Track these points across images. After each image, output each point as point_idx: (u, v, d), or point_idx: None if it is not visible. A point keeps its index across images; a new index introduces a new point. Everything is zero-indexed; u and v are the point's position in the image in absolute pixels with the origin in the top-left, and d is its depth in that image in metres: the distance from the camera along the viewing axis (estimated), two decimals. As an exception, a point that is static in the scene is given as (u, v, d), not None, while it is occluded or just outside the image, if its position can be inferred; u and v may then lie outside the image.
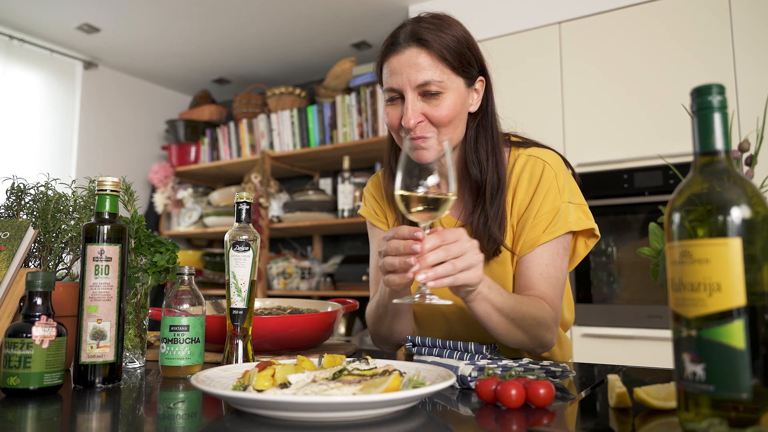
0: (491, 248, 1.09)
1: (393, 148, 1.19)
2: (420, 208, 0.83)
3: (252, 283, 0.98)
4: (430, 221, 0.85)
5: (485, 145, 1.11)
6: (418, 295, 0.83)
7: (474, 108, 1.12)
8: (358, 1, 3.06)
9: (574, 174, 1.17)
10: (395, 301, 0.86)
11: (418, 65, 1.04)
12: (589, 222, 1.11)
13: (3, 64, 3.32)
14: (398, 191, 0.83)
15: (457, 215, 1.18)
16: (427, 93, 1.04)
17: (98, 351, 0.85)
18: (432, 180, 0.82)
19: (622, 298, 2.44)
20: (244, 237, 0.97)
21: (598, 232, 1.13)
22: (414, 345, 1.00)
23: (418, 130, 1.05)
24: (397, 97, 1.07)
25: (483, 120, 1.13)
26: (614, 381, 0.69)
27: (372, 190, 1.29)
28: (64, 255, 1.06)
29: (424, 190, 0.82)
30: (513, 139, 1.18)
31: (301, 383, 0.68)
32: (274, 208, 3.54)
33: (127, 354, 1.02)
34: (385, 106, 1.10)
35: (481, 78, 1.11)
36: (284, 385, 0.67)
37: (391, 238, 0.87)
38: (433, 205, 0.83)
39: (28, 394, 0.78)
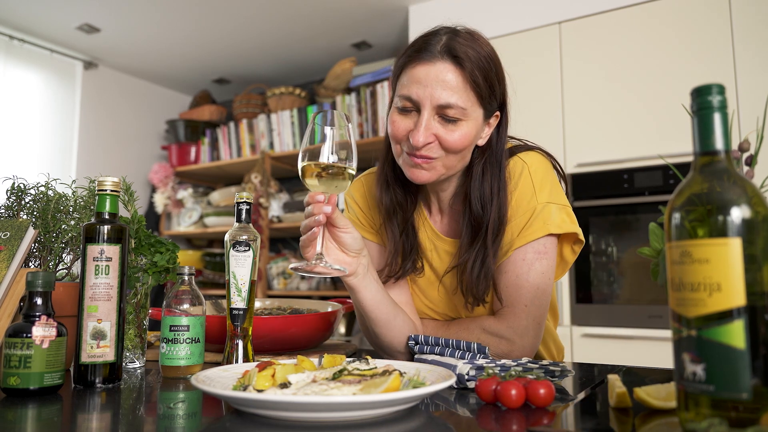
0: (482, 290, 1.03)
1: (389, 158, 1.12)
2: (319, 180, 0.89)
3: (252, 283, 0.98)
4: (333, 193, 0.91)
5: (491, 182, 1.04)
6: (314, 261, 0.91)
7: (482, 142, 1.05)
8: (358, 2, 3.06)
9: (562, 176, 1.11)
10: (291, 267, 0.91)
11: (446, 83, 0.96)
12: (573, 225, 1.04)
13: (3, 64, 3.33)
14: (301, 163, 0.89)
15: (451, 232, 1.13)
16: (445, 117, 0.98)
17: (98, 351, 0.85)
18: (333, 156, 0.88)
19: (622, 298, 2.44)
20: (244, 237, 0.97)
21: (582, 237, 1.06)
22: (416, 343, 1.00)
23: (424, 150, 0.99)
24: (411, 108, 0.99)
25: (491, 156, 1.06)
26: (614, 381, 0.69)
27: (355, 196, 1.22)
28: (64, 255, 1.06)
29: (326, 161, 0.88)
30: (509, 145, 1.11)
31: (301, 383, 0.68)
32: (274, 208, 3.54)
33: (128, 354, 1.02)
34: (393, 113, 1.02)
35: (497, 114, 1.05)
36: (284, 385, 0.67)
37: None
38: (333, 175, 0.89)
39: (29, 394, 0.78)
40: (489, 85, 1.00)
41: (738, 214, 0.52)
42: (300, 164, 0.90)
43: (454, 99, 0.96)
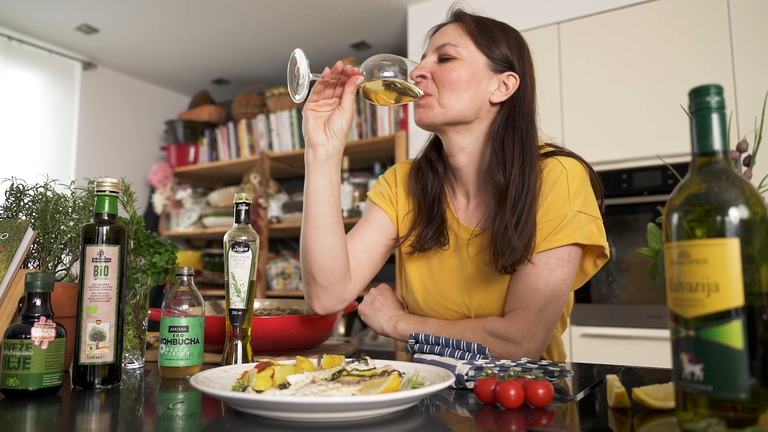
0: (508, 260, 1.01)
1: (426, 149, 1.20)
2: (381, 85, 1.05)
3: (251, 284, 0.98)
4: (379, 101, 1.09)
5: (512, 144, 1.06)
6: (304, 74, 0.99)
7: (496, 98, 1.09)
8: (357, 2, 3.06)
9: (597, 185, 1.10)
10: (298, 48, 1.01)
11: (444, 33, 1.11)
12: (600, 239, 1.03)
13: (2, 65, 3.32)
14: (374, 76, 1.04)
15: (476, 221, 1.13)
16: (443, 57, 1.09)
17: (97, 352, 0.85)
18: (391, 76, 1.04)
19: (621, 298, 2.44)
20: (243, 238, 0.97)
21: (608, 252, 1.06)
22: (417, 342, 1.00)
23: (422, 86, 1.08)
24: None
25: (512, 116, 1.08)
26: (613, 381, 0.70)
27: (387, 176, 1.27)
28: (63, 256, 1.06)
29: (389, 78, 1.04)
30: (546, 149, 1.12)
31: (301, 384, 0.68)
32: (273, 209, 3.54)
33: (127, 355, 1.02)
34: None
35: (514, 74, 1.09)
36: (283, 386, 0.67)
37: None
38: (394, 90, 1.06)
39: (28, 395, 0.78)
40: (491, 36, 1.10)
41: (736, 214, 0.52)
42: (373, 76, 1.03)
43: (448, 39, 1.10)
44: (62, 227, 1.04)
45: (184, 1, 3.06)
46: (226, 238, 0.98)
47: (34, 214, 1.04)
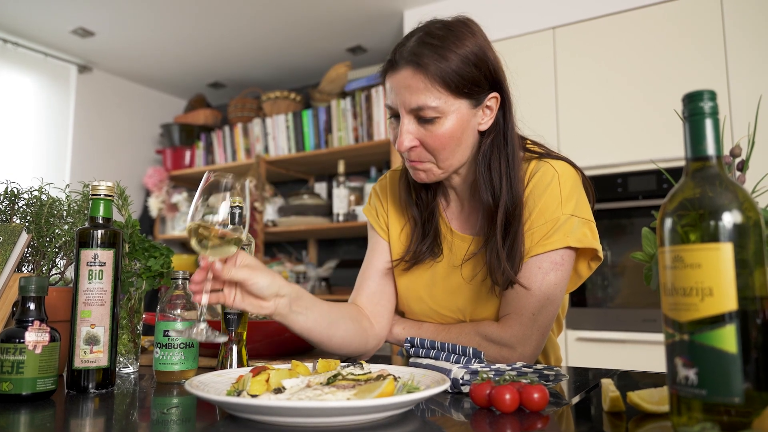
0: (504, 282, 1.02)
1: None
2: (204, 244, 0.81)
3: (246, 288, 0.97)
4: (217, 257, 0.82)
5: (499, 165, 1.03)
6: (195, 328, 0.81)
7: (484, 126, 1.04)
8: (353, 6, 3.07)
9: (589, 189, 1.10)
10: (178, 328, 0.89)
11: (411, 88, 0.97)
12: (593, 242, 1.03)
13: (-3, 68, 3.32)
14: (190, 221, 0.81)
15: (472, 229, 1.13)
16: (422, 118, 0.98)
17: (92, 356, 0.85)
18: (221, 217, 0.82)
19: (617, 302, 2.45)
20: (238, 241, 0.97)
21: (601, 254, 1.05)
22: (412, 346, 1.00)
23: (413, 155, 1.02)
24: (395, 114, 1.02)
25: (497, 139, 1.05)
26: (608, 385, 0.70)
27: (378, 190, 1.25)
28: (57, 260, 1.06)
29: (218, 227, 0.81)
30: (535, 149, 1.11)
31: (296, 388, 0.68)
32: (269, 212, 3.53)
33: (121, 359, 1.01)
34: (389, 122, 1.06)
35: (494, 95, 1.03)
36: (278, 390, 0.67)
37: None
38: (222, 242, 0.82)
39: (21, 400, 0.78)
40: (463, 76, 0.97)
41: (729, 219, 0.52)
42: (189, 222, 0.81)
43: (422, 100, 0.97)
44: (57, 231, 1.04)
45: (180, 4, 3.06)
46: (221, 242, 0.97)
47: (28, 217, 1.04)
